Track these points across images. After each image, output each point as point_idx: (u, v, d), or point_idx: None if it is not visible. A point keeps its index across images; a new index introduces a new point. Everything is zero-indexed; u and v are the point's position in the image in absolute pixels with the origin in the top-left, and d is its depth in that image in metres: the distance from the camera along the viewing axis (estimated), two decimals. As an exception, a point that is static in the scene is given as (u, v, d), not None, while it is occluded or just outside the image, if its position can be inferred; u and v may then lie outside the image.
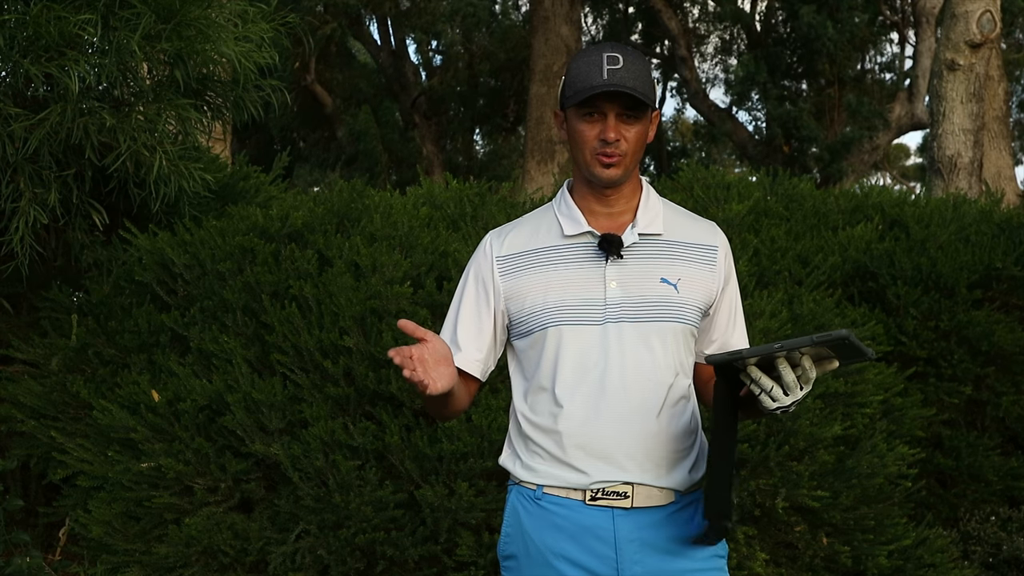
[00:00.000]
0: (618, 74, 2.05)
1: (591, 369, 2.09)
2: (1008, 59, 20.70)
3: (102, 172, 4.47)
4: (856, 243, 4.98)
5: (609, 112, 2.07)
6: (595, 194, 2.16)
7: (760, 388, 1.94)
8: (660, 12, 17.41)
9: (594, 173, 2.11)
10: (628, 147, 2.09)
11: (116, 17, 4.20)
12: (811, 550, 3.82)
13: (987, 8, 8.69)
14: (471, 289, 2.20)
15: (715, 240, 2.21)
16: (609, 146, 2.08)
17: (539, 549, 2.13)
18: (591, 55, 2.09)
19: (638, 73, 2.06)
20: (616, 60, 2.06)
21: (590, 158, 2.10)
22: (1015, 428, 4.81)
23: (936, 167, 8.87)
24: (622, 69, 2.05)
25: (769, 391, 1.93)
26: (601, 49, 2.09)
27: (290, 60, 15.75)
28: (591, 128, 2.09)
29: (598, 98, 2.06)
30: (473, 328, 2.18)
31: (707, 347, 2.22)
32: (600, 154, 2.09)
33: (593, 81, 2.05)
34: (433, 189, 5.11)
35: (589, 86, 2.05)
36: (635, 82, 2.05)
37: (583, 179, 2.17)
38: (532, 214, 2.27)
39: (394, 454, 3.70)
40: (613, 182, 2.12)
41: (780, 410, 1.95)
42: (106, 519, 4.00)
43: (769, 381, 1.93)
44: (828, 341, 1.86)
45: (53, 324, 4.66)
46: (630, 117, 2.08)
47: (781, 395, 1.93)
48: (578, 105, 2.08)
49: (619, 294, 2.10)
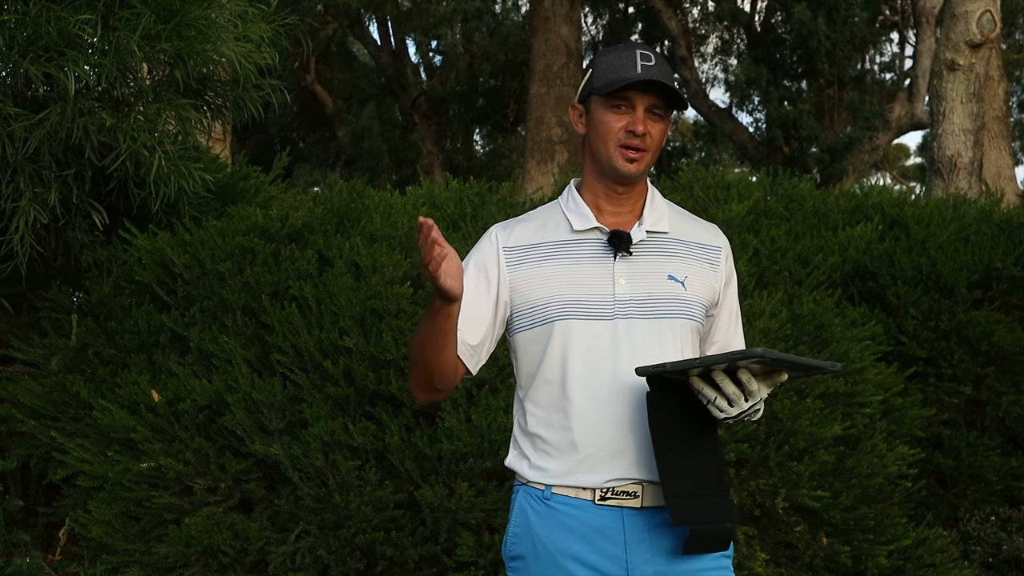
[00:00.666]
0: (652, 70, 2.09)
1: (601, 364, 2.09)
2: (1008, 59, 20.69)
3: (102, 172, 4.47)
4: (856, 243, 4.98)
5: (639, 105, 2.10)
6: (607, 191, 2.17)
7: (704, 399, 1.98)
8: (660, 12, 17.41)
9: (616, 166, 2.12)
10: (652, 143, 2.12)
11: (116, 17, 4.20)
12: (811, 550, 3.82)
13: (987, 8, 8.68)
14: (471, 277, 2.16)
15: (718, 241, 2.23)
16: (636, 139, 2.09)
17: (548, 549, 2.12)
18: (624, 50, 2.13)
19: (668, 73, 2.11)
20: (649, 58, 2.11)
21: (613, 150, 2.11)
22: (1015, 428, 4.81)
23: (936, 167, 8.87)
24: (655, 66, 2.10)
25: (713, 401, 1.97)
26: (634, 47, 2.13)
27: (290, 60, 15.75)
28: (619, 119, 2.10)
29: (631, 90, 2.08)
30: (468, 314, 2.13)
31: (709, 348, 2.24)
32: (624, 146, 2.10)
33: (628, 73, 2.08)
34: (433, 189, 5.11)
35: (623, 77, 2.08)
36: (668, 80, 2.10)
37: (596, 175, 2.17)
38: (537, 211, 2.27)
39: (394, 454, 3.70)
40: (633, 177, 2.13)
41: (729, 419, 1.99)
42: (106, 519, 4.00)
43: (712, 392, 1.97)
44: (744, 358, 1.89)
45: (53, 324, 4.66)
46: (658, 114, 2.11)
47: (726, 406, 1.97)
48: (609, 96, 2.09)
49: (628, 290, 2.11)
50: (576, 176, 2.29)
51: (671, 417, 2.03)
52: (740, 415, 1.98)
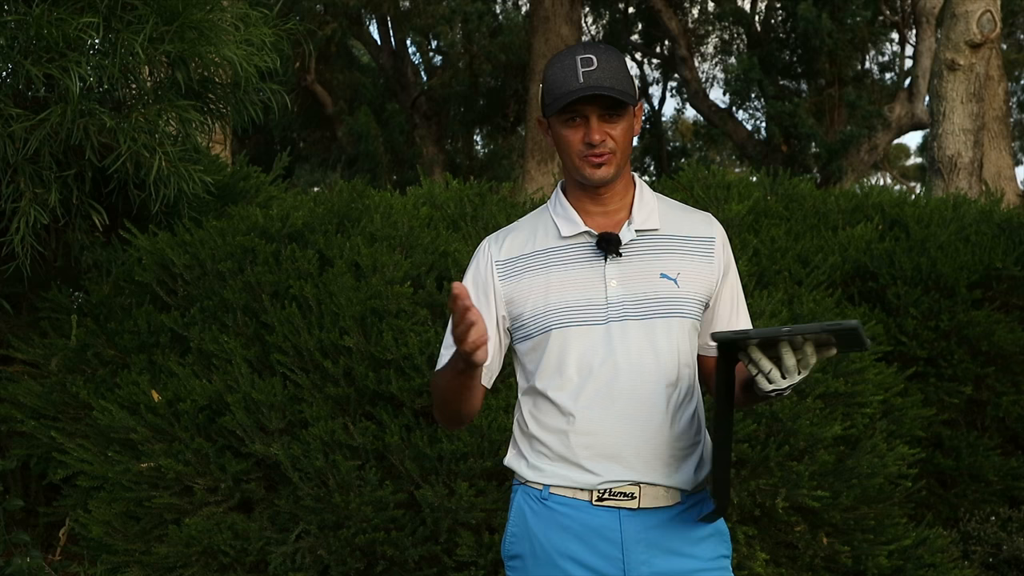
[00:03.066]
0: (594, 75, 2.04)
1: (597, 369, 2.09)
2: (1008, 59, 20.70)
3: (102, 173, 4.47)
4: (856, 243, 4.98)
5: (591, 115, 2.06)
6: (589, 194, 2.16)
7: (759, 369, 1.93)
8: (660, 12, 17.42)
9: (585, 175, 2.11)
10: (615, 145, 2.09)
11: (117, 19, 4.20)
12: (811, 550, 3.82)
13: (987, 8, 8.68)
14: (472, 295, 2.18)
15: (711, 231, 2.20)
16: (595, 147, 2.07)
17: (546, 549, 2.13)
18: (564, 60, 2.08)
19: (613, 71, 2.05)
20: (590, 61, 2.05)
21: (579, 162, 2.10)
22: (1015, 428, 4.81)
23: (936, 167, 8.87)
24: (597, 70, 2.04)
25: (767, 373, 1.92)
26: (573, 52, 2.08)
27: (290, 61, 15.75)
28: (575, 133, 2.08)
29: (577, 102, 2.05)
30: None
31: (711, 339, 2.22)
32: (588, 156, 2.08)
33: (570, 86, 2.04)
34: (433, 189, 5.12)
35: (566, 91, 2.04)
36: (612, 80, 2.04)
37: (575, 181, 2.16)
38: (528, 217, 2.27)
39: (394, 454, 3.70)
40: (605, 181, 2.11)
41: (775, 393, 1.95)
42: (106, 519, 4.00)
43: (768, 363, 1.92)
44: (837, 330, 1.85)
45: (53, 324, 4.66)
46: (612, 116, 2.07)
47: (779, 378, 1.92)
48: (559, 112, 2.07)
49: (620, 292, 2.10)
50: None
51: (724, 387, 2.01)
52: (787, 388, 1.95)
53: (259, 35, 4.61)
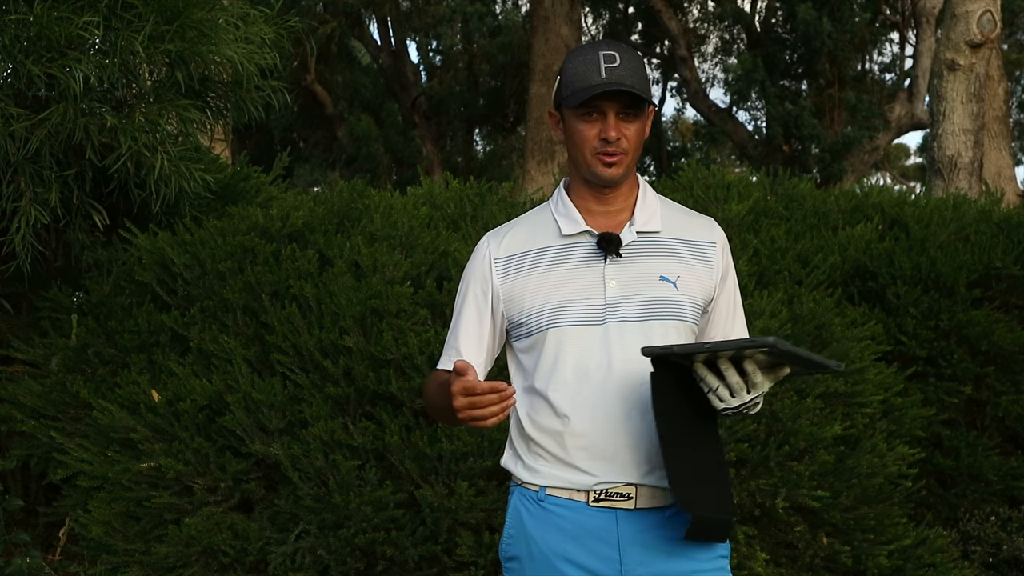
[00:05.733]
0: (616, 72, 2.04)
1: (593, 370, 2.08)
2: (1008, 59, 20.70)
3: (103, 172, 4.47)
4: (856, 243, 4.98)
5: (609, 111, 2.06)
6: (593, 193, 2.15)
7: (707, 387, 1.94)
8: (660, 12, 17.42)
9: (595, 172, 2.10)
10: (628, 145, 2.09)
11: (118, 18, 4.20)
12: (811, 550, 3.82)
13: (987, 8, 8.68)
14: (471, 294, 2.18)
15: (712, 236, 2.20)
16: (610, 145, 2.07)
17: (542, 551, 2.12)
18: (587, 54, 2.08)
19: (635, 70, 2.06)
20: (613, 58, 2.05)
21: (591, 158, 2.09)
22: (1015, 428, 4.81)
23: (936, 167, 8.87)
24: (620, 67, 2.04)
25: (715, 390, 1.94)
26: (597, 47, 2.08)
27: (290, 60, 15.75)
28: (591, 128, 2.08)
29: (598, 97, 2.05)
30: (475, 335, 2.17)
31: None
32: (601, 153, 2.08)
33: (592, 80, 2.04)
34: (433, 189, 5.12)
35: (588, 85, 2.04)
36: (633, 79, 2.05)
37: (581, 178, 2.16)
38: (528, 214, 2.26)
39: (394, 454, 3.70)
40: (614, 181, 2.11)
41: (728, 411, 1.96)
42: (106, 519, 4.00)
43: (715, 380, 1.94)
44: (754, 347, 1.86)
45: (53, 324, 4.66)
46: (629, 115, 2.07)
47: (727, 396, 1.93)
48: (577, 106, 2.07)
49: (619, 293, 2.10)
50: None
51: (676, 402, 2.00)
52: (740, 407, 1.95)
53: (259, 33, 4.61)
